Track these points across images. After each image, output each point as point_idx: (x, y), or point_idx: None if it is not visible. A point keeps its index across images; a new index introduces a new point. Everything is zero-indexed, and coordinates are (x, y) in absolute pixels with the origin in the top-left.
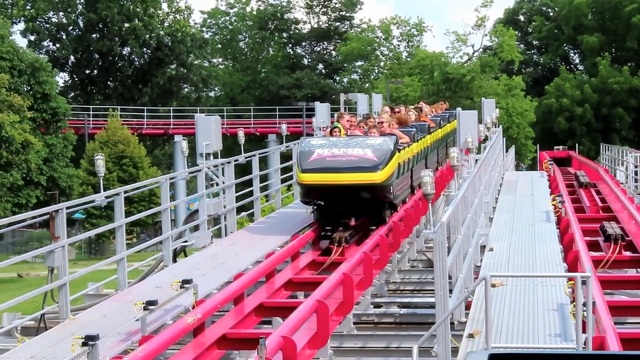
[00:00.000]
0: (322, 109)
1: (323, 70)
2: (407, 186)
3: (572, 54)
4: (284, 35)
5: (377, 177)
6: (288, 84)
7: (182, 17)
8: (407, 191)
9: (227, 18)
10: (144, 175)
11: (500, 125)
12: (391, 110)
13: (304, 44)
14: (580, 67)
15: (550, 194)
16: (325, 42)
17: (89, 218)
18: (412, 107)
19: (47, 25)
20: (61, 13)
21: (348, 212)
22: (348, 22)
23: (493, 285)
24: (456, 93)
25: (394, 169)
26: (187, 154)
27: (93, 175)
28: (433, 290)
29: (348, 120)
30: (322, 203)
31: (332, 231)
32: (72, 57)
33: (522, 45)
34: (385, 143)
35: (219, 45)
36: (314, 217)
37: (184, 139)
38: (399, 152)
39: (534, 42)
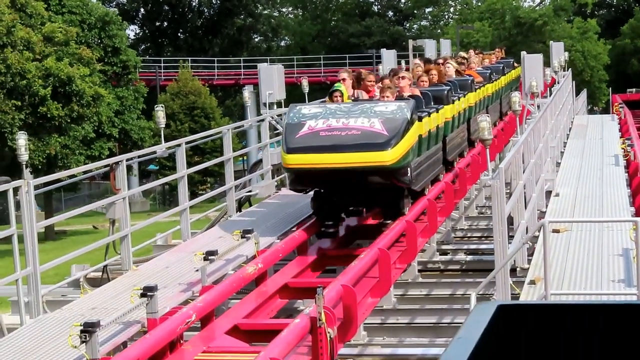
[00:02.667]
0: (388, 56)
1: (393, 17)
2: (464, 141)
3: None
4: None
5: (386, 157)
6: (358, 32)
7: None
8: (461, 147)
9: None
10: (215, 125)
11: (570, 69)
12: (426, 63)
13: None
14: None
15: (620, 138)
16: None
17: (162, 170)
18: (454, 57)
19: None
20: None
21: (354, 202)
22: None
23: (557, 231)
24: (528, 38)
25: (411, 145)
26: (249, 104)
27: (166, 127)
28: None
29: (345, 79)
30: (319, 190)
31: (333, 226)
32: (142, 10)
33: None
34: (399, 110)
35: None
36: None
37: (247, 90)
38: (421, 120)
39: None
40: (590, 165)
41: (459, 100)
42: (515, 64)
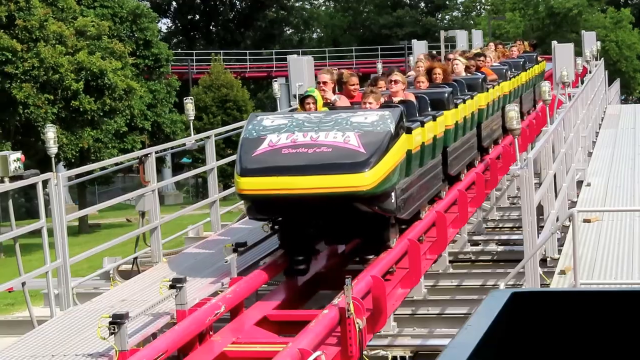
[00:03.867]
0: (419, 47)
1: (425, 8)
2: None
3: None
4: None
5: (363, 180)
6: (390, 23)
7: None
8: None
9: None
10: (247, 118)
11: (602, 59)
12: (432, 58)
13: None
14: None
15: None
16: None
17: (194, 162)
18: (465, 53)
19: None
20: None
21: (328, 232)
22: None
23: (588, 221)
24: (561, 28)
25: (395, 164)
26: (279, 96)
27: (198, 120)
28: None
29: (326, 82)
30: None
31: (304, 262)
32: (173, 3)
33: None
34: (381, 121)
35: None
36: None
37: (277, 82)
38: (411, 132)
39: None
40: (622, 155)
41: (464, 103)
42: (540, 58)
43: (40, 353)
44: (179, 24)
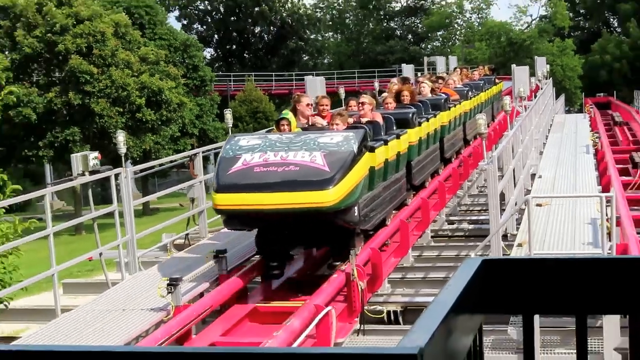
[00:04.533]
0: (407, 69)
1: (411, 39)
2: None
3: (611, 20)
4: (381, 12)
5: (327, 197)
6: (384, 51)
7: (300, 1)
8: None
9: (337, 2)
10: (273, 125)
11: (551, 78)
12: (403, 83)
13: (396, 19)
14: (618, 30)
15: (590, 132)
16: (413, 17)
17: None
18: (429, 76)
19: (196, 12)
20: (206, 1)
21: (299, 241)
22: (431, 1)
23: (540, 205)
24: (519, 54)
25: (358, 181)
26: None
27: (235, 127)
28: None
29: (309, 105)
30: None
31: (279, 267)
32: (215, 36)
33: (571, 14)
34: (346, 142)
35: (329, 23)
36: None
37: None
38: (374, 150)
39: (581, 11)
40: (566, 153)
41: (427, 121)
42: (499, 79)
43: (113, 307)
44: (219, 52)
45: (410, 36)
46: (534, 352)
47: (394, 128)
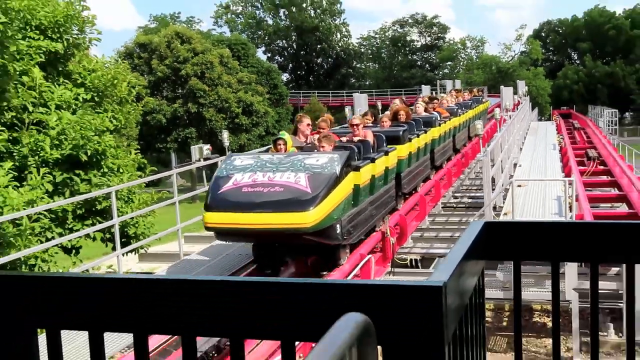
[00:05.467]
0: (425, 89)
1: (428, 67)
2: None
3: (572, 54)
4: (407, 48)
5: (307, 218)
6: (408, 76)
7: (349, 39)
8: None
9: (375, 40)
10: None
11: (528, 96)
12: (403, 102)
13: (417, 53)
14: (577, 62)
15: (557, 134)
16: (429, 52)
17: None
18: (425, 98)
19: (277, 48)
20: (284, 40)
21: (290, 253)
22: (442, 40)
23: (520, 186)
24: (504, 79)
25: (340, 200)
26: (349, 117)
27: None
28: None
29: (309, 125)
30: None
31: (271, 275)
32: (290, 65)
33: (543, 50)
34: (329, 163)
35: (370, 55)
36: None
37: (347, 108)
38: (359, 170)
39: (550, 48)
40: (539, 149)
41: (417, 137)
42: (484, 100)
43: (218, 253)
44: (292, 76)
45: (427, 65)
46: (520, 288)
47: (385, 145)
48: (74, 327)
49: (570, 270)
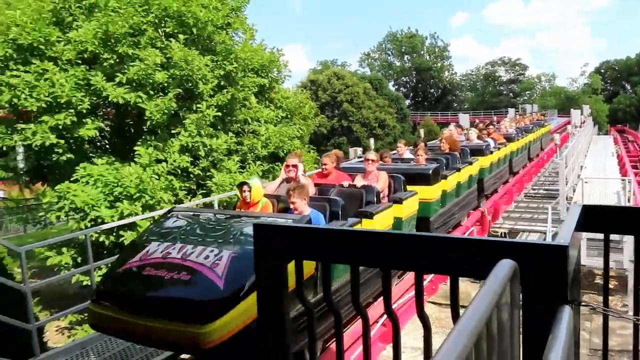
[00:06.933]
0: (511, 111)
1: (512, 95)
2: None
3: (626, 85)
4: (495, 82)
5: (204, 335)
6: (497, 101)
7: (455, 76)
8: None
9: (472, 76)
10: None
11: (590, 116)
12: (459, 127)
13: (503, 85)
14: (630, 91)
15: (614, 145)
16: (513, 84)
17: None
18: (480, 126)
19: (401, 82)
20: (407, 78)
21: None
22: (522, 75)
23: (586, 182)
24: (572, 104)
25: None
26: (454, 132)
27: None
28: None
29: (288, 167)
30: None
31: None
32: (411, 93)
33: (602, 82)
34: None
35: (469, 87)
36: None
37: (452, 125)
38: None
39: (608, 80)
40: (600, 155)
41: (458, 172)
42: (545, 124)
43: None
44: (412, 101)
45: (511, 94)
46: (609, 255)
47: (403, 189)
48: (310, 259)
49: (628, 245)
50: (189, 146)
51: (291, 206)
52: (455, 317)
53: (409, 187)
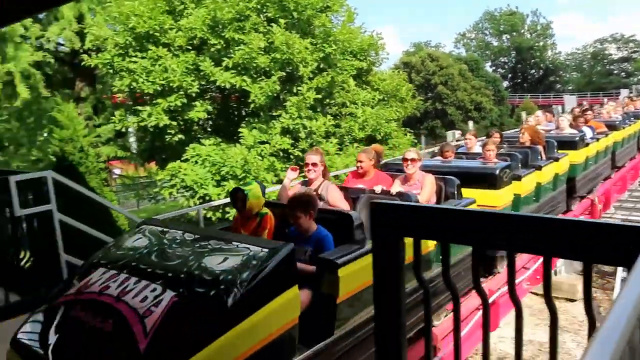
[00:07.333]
0: (624, 92)
1: (624, 75)
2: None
3: None
4: (605, 60)
5: None
6: (606, 82)
7: (559, 55)
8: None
9: (578, 55)
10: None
11: None
12: (546, 113)
13: (615, 64)
14: None
15: None
16: (626, 63)
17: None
18: (576, 111)
19: (499, 62)
20: (505, 58)
21: None
22: (637, 53)
23: None
24: None
25: None
26: (561, 113)
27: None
28: None
29: (311, 167)
30: None
31: None
32: (509, 75)
33: None
34: (243, 269)
35: (574, 66)
36: None
37: (554, 107)
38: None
39: None
40: None
41: (538, 170)
42: None
43: None
44: (511, 83)
45: (623, 73)
46: None
47: (455, 191)
48: (428, 238)
49: None
50: (290, 128)
51: (291, 221)
52: (588, 308)
53: (468, 192)
